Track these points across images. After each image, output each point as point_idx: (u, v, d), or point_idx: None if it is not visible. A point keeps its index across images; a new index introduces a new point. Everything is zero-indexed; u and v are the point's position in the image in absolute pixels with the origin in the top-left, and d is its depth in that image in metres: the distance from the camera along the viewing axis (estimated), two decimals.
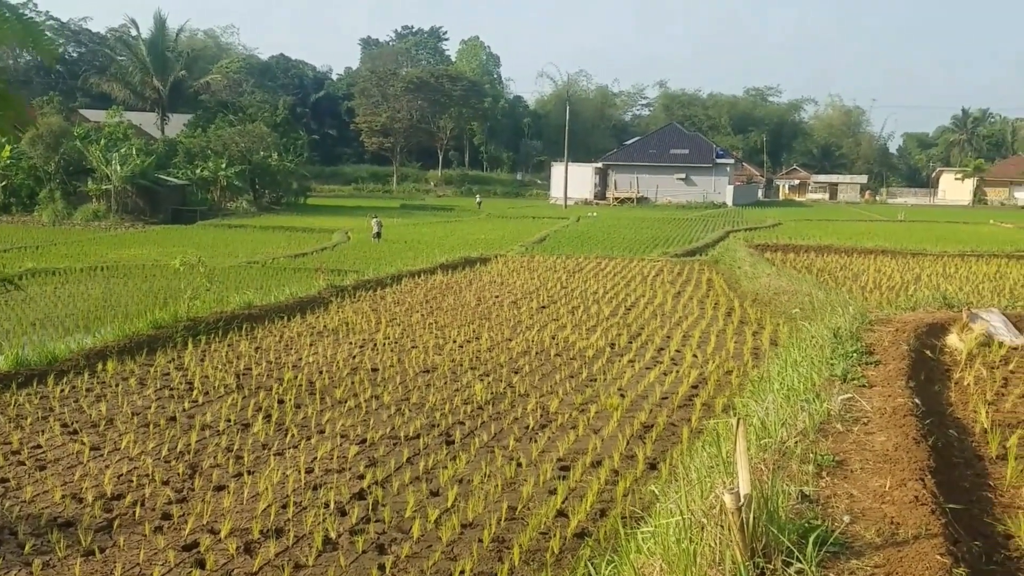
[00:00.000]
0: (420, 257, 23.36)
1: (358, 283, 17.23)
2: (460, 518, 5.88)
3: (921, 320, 9.85)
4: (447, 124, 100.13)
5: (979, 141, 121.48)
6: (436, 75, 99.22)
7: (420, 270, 19.84)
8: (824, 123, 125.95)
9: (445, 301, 15.91)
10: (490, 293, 17.01)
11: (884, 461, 4.90)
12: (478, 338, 12.35)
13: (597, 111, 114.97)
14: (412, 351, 11.40)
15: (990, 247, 26.96)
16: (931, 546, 3.75)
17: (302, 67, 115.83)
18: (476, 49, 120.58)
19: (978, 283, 17.25)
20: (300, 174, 61.60)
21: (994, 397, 7.19)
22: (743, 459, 3.61)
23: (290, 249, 28.71)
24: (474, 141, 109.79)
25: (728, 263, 21.84)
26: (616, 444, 7.51)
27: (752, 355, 11.20)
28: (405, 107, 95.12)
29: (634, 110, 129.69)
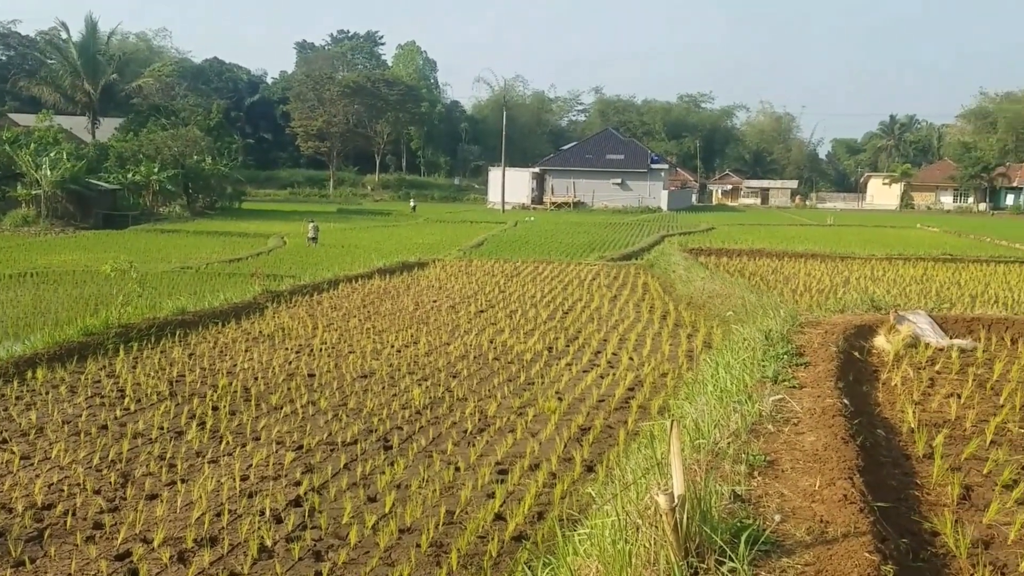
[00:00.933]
0: (357, 262, 23.14)
1: (294, 288, 17.00)
2: (398, 523, 5.84)
3: (850, 322, 10.13)
4: (384, 128, 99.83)
5: (906, 147, 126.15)
6: (373, 79, 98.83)
7: (357, 275, 19.66)
8: (755, 129, 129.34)
9: (383, 306, 15.79)
10: (428, 297, 16.95)
11: (814, 460, 5.02)
12: (416, 342, 12.29)
13: (534, 116, 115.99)
14: (349, 356, 11.28)
15: (917, 251, 27.95)
16: (860, 544, 3.83)
17: (236, 71, 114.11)
18: (412, 54, 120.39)
19: (905, 286, 17.83)
20: (234, 178, 60.86)
21: (920, 397, 7.42)
22: (677, 460, 3.66)
23: (225, 254, 28.14)
24: (411, 146, 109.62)
25: (663, 267, 22.17)
26: (554, 447, 7.54)
27: (687, 357, 11.39)
28: (341, 111, 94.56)
29: (570, 116, 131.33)
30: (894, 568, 3.67)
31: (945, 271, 21.35)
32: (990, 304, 14.46)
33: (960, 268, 22.21)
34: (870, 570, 3.56)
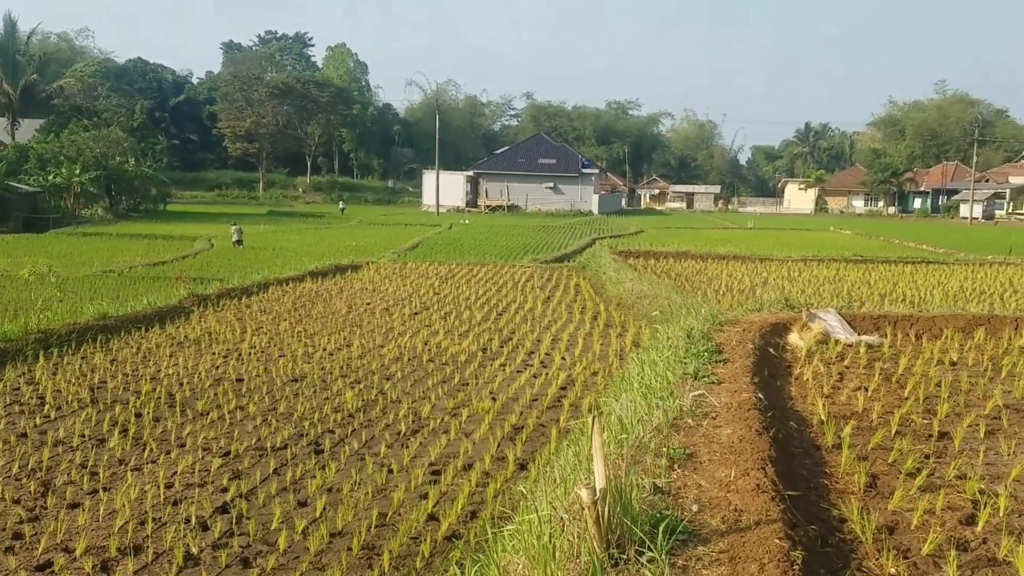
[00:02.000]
0: (288, 264, 22.88)
1: (222, 291, 16.74)
2: (329, 527, 5.86)
3: (766, 320, 10.54)
4: (315, 130, 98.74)
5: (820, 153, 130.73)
6: (302, 81, 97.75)
7: (288, 278, 19.45)
8: (680, 136, 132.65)
9: (314, 309, 15.68)
10: (361, 300, 16.89)
11: (730, 452, 5.26)
12: (349, 345, 12.27)
13: (467, 120, 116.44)
14: (279, 360, 11.20)
15: (830, 252, 28.95)
16: (771, 531, 4.00)
17: (161, 71, 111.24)
18: (343, 56, 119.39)
19: (819, 286, 18.50)
20: (159, 180, 59.46)
21: (830, 391, 7.79)
22: (599, 455, 3.82)
23: (149, 257, 27.43)
24: (343, 148, 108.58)
25: (594, 269, 22.54)
26: (487, 446, 7.65)
27: (617, 356, 11.63)
28: (271, 113, 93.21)
29: (503, 120, 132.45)
30: (803, 554, 3.84)
31: (856, 271, 22.18)
32: (898, 302, 15.12)
33: (870, 268, 23.11)
34: (780, 556, 3.73)
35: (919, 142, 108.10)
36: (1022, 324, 11.01)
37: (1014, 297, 16.54)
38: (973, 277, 20.84)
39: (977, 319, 11.37)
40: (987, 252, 30.60)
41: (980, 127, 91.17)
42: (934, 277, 20.71)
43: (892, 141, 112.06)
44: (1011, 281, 19.83)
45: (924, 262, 25.79)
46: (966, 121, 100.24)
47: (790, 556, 3.75)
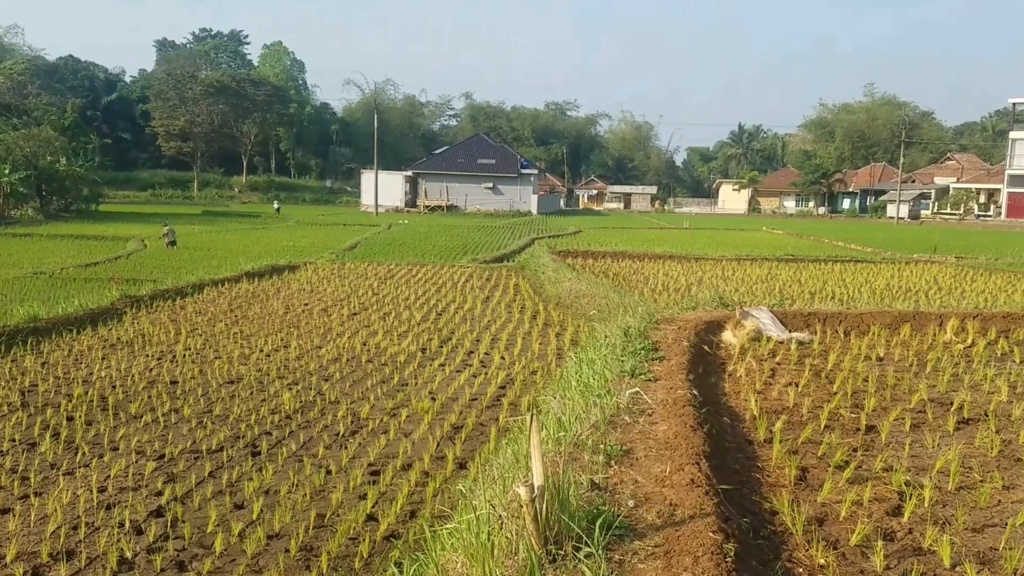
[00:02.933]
0: (224, 265, 22.43)
1: (155, 292, 16.37)
2: (266, 529, 5.80)
3: (701, 319, 10.76)
4: (251, 129, 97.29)
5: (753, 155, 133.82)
6: (238, 79, 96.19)
7: (224, 278, 19.09)
8: (618, 137, 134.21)
9: (251, 310, 15.43)
10: (299, 301, 16.68)
11: (665, 448, 5.35)
12: (286, 347, 12.11)
13: (405, 120, 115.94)
14: (215, 362, 10.99)
15: (763, 252, 29.62)
16: (705, 524, 4.08)
17: (93, 69, 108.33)
18: (279, 54, 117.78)
19: (752, 284, 18.91)
20: (91, 179, 57.79)
21: (762, 386, 7.99)
22: (536, 453, 3.86)
23: (81, 258, 26.56)
24: (280, 147, 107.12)
25: (533, 269, 22.65)
26: (427, 446, 7.65)
27: (555, 355, 11.72)
28: (205, 111, 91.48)
29: (442, 120, 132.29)
30: (736, 546, 3.93)
31: (788, 270, 22.74)
32: (827, 300, 15.55)
33: (801, 267, 23.74)
34: (714, 548, 3.81)
35: (848, 144, 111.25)
36: (946, 320, 11.43)
37: (938, 294, 17.16)
38: (899, 275, 21.57)
39: (903, 316, 11.79)
40: (913, 251, 31.67)
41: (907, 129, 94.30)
42: (862, 275, 21.36)
43: (822, 143, 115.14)
44: (935, 279, 20.58)
45: (853, 261, 26.58)
46: (893, 123, 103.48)
47: (723, 548, 3.83)
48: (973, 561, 4.18)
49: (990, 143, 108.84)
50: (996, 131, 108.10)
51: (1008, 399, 7.59)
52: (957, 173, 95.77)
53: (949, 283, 19.64)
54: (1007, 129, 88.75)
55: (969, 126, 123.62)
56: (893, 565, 4.19)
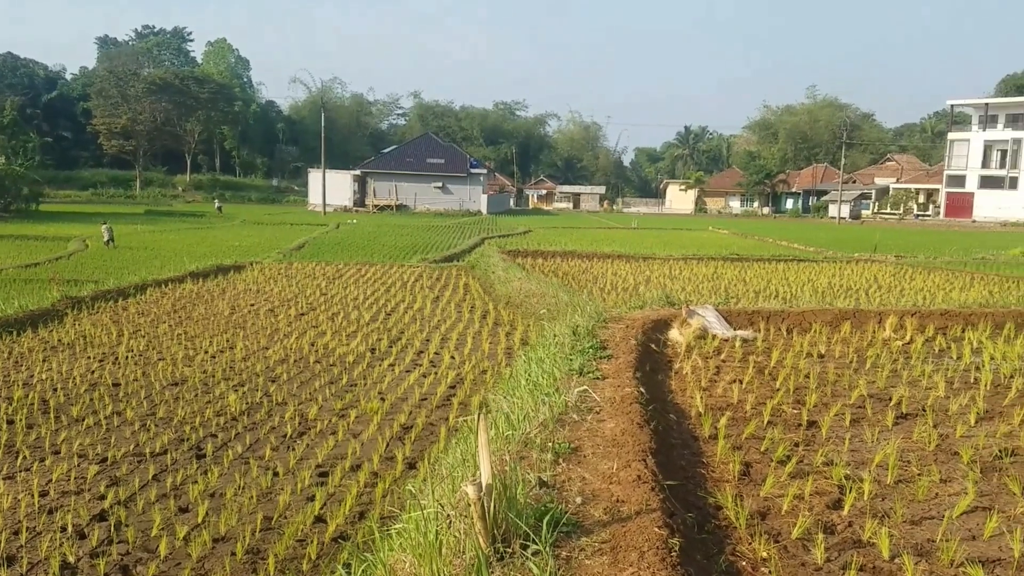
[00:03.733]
0: (167, 265, 22.02)
1: (97, 293, 16.04)
2: (212, 533, 5.72)
3: (648, 317, 10.89)
4: (195, 127, 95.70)
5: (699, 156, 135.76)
6: (181, 77, 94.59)
7: (167, 279, 18.75)
8: (566, 137, 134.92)
9: (195, 311, 15.16)
10: (245, 301, 16.43)
11: (612, 445, 5.41)
12: (232, 348, 11.93)
13: (353, 118, 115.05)
14: (158, 364, 10.79)
15: (709, 251, 30.08)
16: (650, 520, 4.13)
17: (32, 66, 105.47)
18: (224, 51, 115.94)
19: (699, 283, 19.20)
20: (31, 179, 56.17)
21: (708, 384, 8.12)
22: (484, 451, 3.87)
23: (20, 259, 25.76)
24: (225, 145, 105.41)
25: (483, 268, 22.67)
26: (376, 447, 7.61)
27: (505, 354, 11.75)
28: (148, 109, 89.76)
29: (390, 119, 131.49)
30: (681, 540, 3.99)
31: (733, 269, 23.14)
32: (771, 298, 15.88)
33: (746, 267, 24.17)
34: (659, 543, 3.86)
35: (791, 145, 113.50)
36: (885, 317, 11.73)
37: (878, 292, 17.63)
38: (841, 274, 22.11)
39: (843, 313, 12.07)
40: (854, 250, 32.49)
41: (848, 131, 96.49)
42: (805, 274, 21.83)
43: (766, 144, 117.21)
44: (876, 277, 21.14)
45: (796, 260, 27.17)
46: (835, 125, 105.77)
47: (668, 543, 3.88)
48: (911, 553, 4.29)
49: (929, 144, 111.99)
50: (935, 132, 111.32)
51: (945, 394, 7.82)
52: (897, 174, 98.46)
53: (889, 281, 20.19)
54: (946, 130, 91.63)
55: (909, 127, 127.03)
56: (833, 557, 4.28)
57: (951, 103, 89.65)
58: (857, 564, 4.13)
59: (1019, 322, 11.95)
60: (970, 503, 4.94)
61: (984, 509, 4.91)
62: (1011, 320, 11.95)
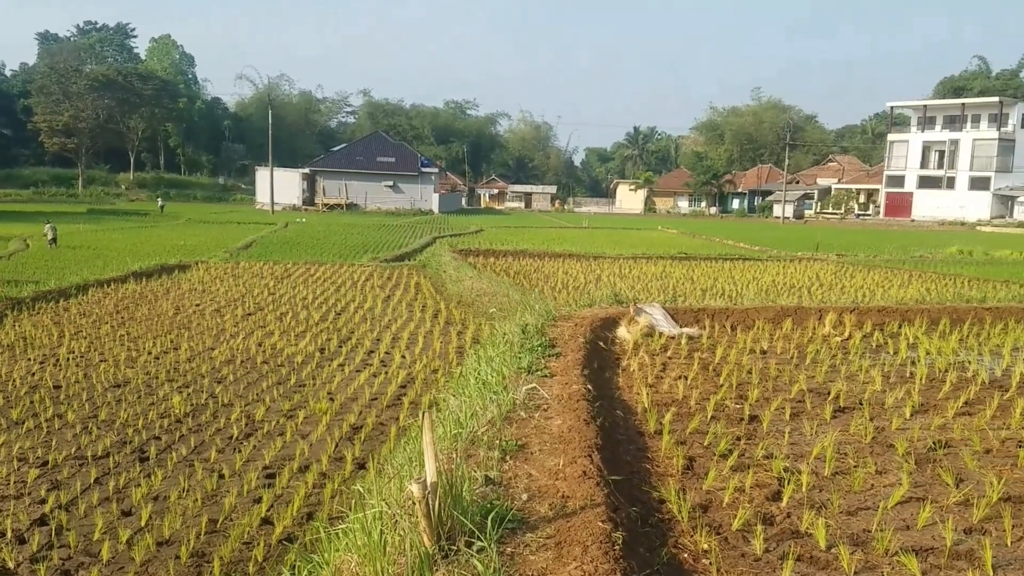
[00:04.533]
0: (110, 265, 21.52)
1: (37, 294, 15.66)
2: (155, 536, 5.64)
3: (597, 315, 11.01)
4: (138, 125, 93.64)
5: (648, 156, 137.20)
6: (124, 73, 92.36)
7: (110, 279, 18.35)
8: (517, 137, 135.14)
9: (139, 311, 14.86)
10: (190, 301, 16.16)
11: (559, 442, 5.48)
12: (176, 349, 11.73)
13: (301, 116, 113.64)
14: (101, 365, 10.57)
15: (658, 250, 30.48)
16: (595, 515, 4.20)
17: None
18: (168, 48, 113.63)
19: (648, 282, 19.42)
20: None
21: (654, 380, 8.24)
22: (430, 450, 3.90)
23: None
24: (170, 143, 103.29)
25: (435, 267, 22.65)
26: (325, 447, 7.57)
27: (457, 353, 11.74)
28: (90, 106, 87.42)
29: (339, 117, 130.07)
30: (624, 534, 4.06)
31: (681, 268, 23.48)
32: (717, 296, 16.13)
33: (694, 265, 24.55)
34: (603, 537, 3.93)
35: (737, 146, 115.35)
36: (825, 314, 12.04)
37: (820, 290, 18.05)
38: (784, 272, 22.58)
39: (785, 311, 12.36)
40: (797, 249, 33.15)
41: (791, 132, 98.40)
42: (750, 273, 22.24)
43: (713, 145, 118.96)
44: (818, 275, 21.63)
45: (741, 259, 27.64)
46: (779, 126, 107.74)
47: (612, 537, 3.95)
48: (847, 543, 4.42)
49: (870, 145, 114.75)
50: (875, 134, 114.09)
51: (882, 388, 8.06)
52: (838, 174, 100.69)
53: (830, 279, 20.67)
54: (885, 132, 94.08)
55: (850, 129, 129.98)
56: (772, 548, 4.39)
57: (891, 105, 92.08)
58: (795, 554, 4.24)
59: (954, 318, 12.37)
60: (904, 494, 5.10)
61: (918, 500, 5.06)
62: (946, 316, 12.36)
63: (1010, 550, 4.39)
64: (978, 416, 7.03)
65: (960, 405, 7.36)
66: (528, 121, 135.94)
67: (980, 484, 5.34)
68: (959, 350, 10.33)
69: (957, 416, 7.09)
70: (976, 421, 6.88)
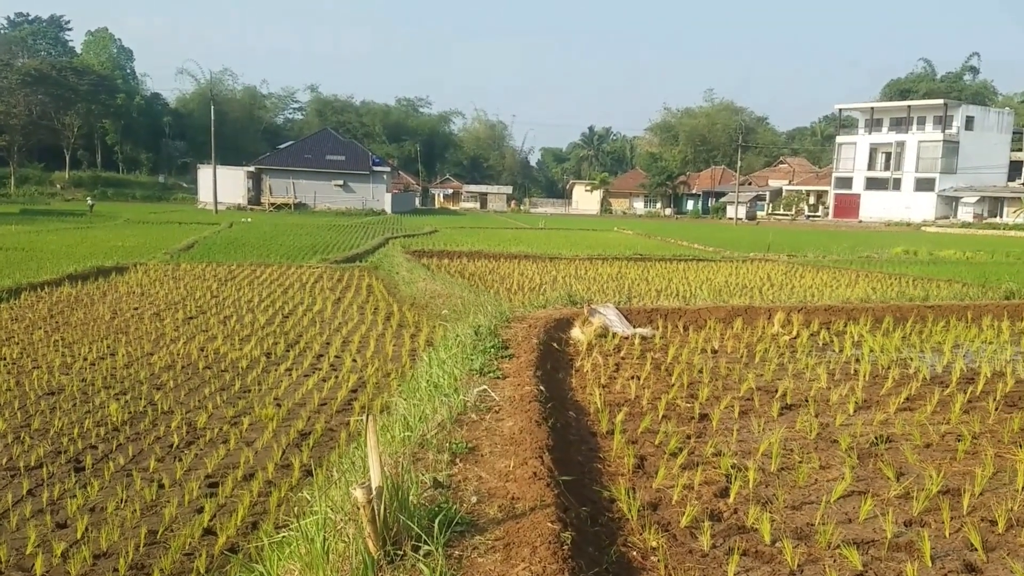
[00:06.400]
0: (44, 267, 20.81)
1: None
2: (92, 549, 5.42)
3: (551, 316, 10.98)
4: (74, 121, 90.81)
5: (604, 156, 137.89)
6: (59, 67, 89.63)
7: (43, 282, 17.74)
8: (472, 136, 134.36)
9: (74, 316, 14.40)
10: (128, 305, 15.72)
11: (510, 444, 5.41)
12: (114, 354, 11.37)
13: (246, 112, 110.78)
14: (33, 372, 10.18)
15: (614, 251, 30.59)
16: (544, 516, 4.17)
17: None
18: (105, 41, 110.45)
19: (604, 283, 19.49)
20: None
21: (607, 380, 8.24)
22: (374, 454, 3.80)
23: None
24: (107, 140, 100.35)
25: (387, 269, 22.43)
26: (271, 454, 7.38)
27: (410, 356, 11.58)
28: (22, 102, 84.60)
29: (286, 113, 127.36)
30: (573, 534, 4.04)
31: (636, 269, 23.64)
32: (672, 297, 16.26)
33: (649, 266, 24.74)
34: (551, 538, 3.90)
35: (691, 147, 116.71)
36: (774, 313, 12.20)
37: (771, 290, 18.30)
38: (737, 273, 22.86)
39: (736, 310, 12.48)
40: (749, 250, 33.61)
41: (744, 134, 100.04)
42: (703, 273, 22.48)
43: (668, 146, 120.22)
44: (769, 276, 21.94)
45: (696, 260, 27.95)
46: (732, 128, 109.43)
47: (561, 537, 3.93)
48: (791, 536, 4.48)
49: (819, 147, 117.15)
50: (824, 136, 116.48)
51: (827, 385, 8.18)
52: (789, 176, 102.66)
53: (781, 279, 20.98)
54: (834, 134, 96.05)
55: (800, 131, 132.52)
56: (719, 543, 4.42)
57: (839, 107, 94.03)
58: (741, 549, 4.28)
59: (897, 316, 12.63)
60: (847, 488, 5.18)
61: (860, 493, 5.15)
62: (890, 314, 12.61)
63: (948, 541, 4.47)
64: (919, 411, 7.17)
65: (902, 401, 7.50)
66: (483, 120, 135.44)
67: (920, 477, 5.43)
68: (902, 347, 10.53)
69: (899, 412, 7.22)
70: (917, 416, 7.01)
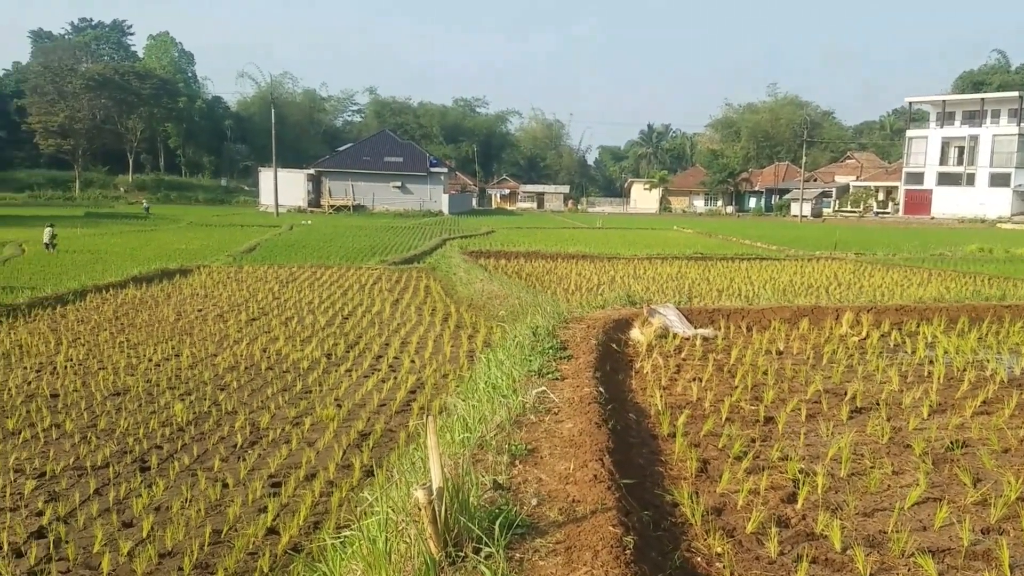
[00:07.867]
0: (109, 270, 21.43)
1: (33, 300, 15.60)
2: (157, 548, 5.52)
3: (609, 317, 10.84)
4: (137, 125, 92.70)
5: (663, 154, 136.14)
6: (121, 72, 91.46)
7: (109, 284, 18.25)
8: (529, 135, 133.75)
9: (139, 317, 14.76)
10: (192, 307, 16.06)
11: (570, 446, 5.33)
12: (178, 355, 11.61)
13: (306, 115, 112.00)
14: (99, 373, 10.45)
15: (673, 250, 30.27)
16: (606, 519, 4.10)
17: None
18: (166, 45, 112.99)
19: (663, 283, 19.25)
20: None
21: (668, 382, 8.09)
22: (435, 455, 3.76)
23: None
24: (169, 144, 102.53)
25: (444, 270, 22.50)
26: (332, 455, 7.43)
27: (467, 357, 11.58)
28: (87, 106, 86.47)
29: (345, 116, 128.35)
30: (635, 539, 3.95)
31: (697, 268, 23.30)
32: (734, 297, 15.95)
33: (710, 266, 24.36)
34: (614, 542, 3.82)
35: (753, 143, 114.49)
36: (842, 314, 11.84)
37: (838, 289, 17.83)
38: (802, 272, 22.37)
39: (801, 310, 12.15)
40: (815, 248, 32.89)
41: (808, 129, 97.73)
42: (767, 273, 22.04)
43: (729, 142, 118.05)
44: (836, 275, 21.41)
45: (758, 259, 27.43)
46: (796, 123, 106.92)
47: (623, 541, 3.85)
48: (863, 544, 4.32)
49: (888, 142, 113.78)
50: (894, 130, 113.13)
51: (899, 388, 7.90)
52: (857, 171, 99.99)
53: (848, 279, 20.45)
54: (904, 128, 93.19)
55: (868, 125, 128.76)
56: (787, 550, 4.28)
57: (909, 100, 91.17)
58: (809, 556, 4.14)
59: (972, 316, 12.15)
60: (921, 494, 4.99)
61: (935, 500, 4.96)
62: (965, 314, 12.14)
63: None
64: (996, 415, 6.90)
65: (978, 404, 7.23)
66: (540, 119, 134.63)
67: (998, 484, 5.22)
68: (978, 349, 10.13)
69: (975, 415, 6.96)
70: (994, 420, 6.75)
